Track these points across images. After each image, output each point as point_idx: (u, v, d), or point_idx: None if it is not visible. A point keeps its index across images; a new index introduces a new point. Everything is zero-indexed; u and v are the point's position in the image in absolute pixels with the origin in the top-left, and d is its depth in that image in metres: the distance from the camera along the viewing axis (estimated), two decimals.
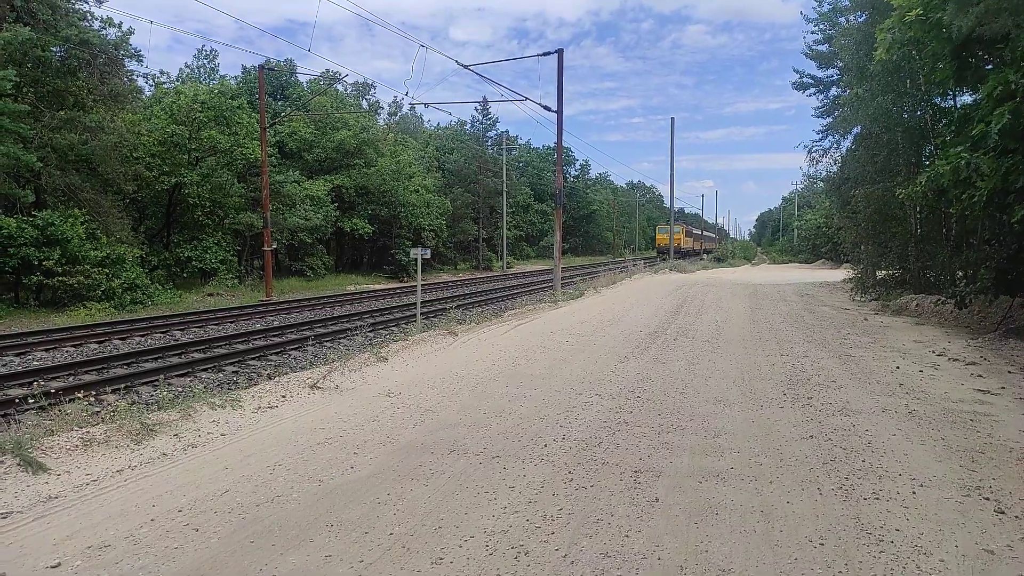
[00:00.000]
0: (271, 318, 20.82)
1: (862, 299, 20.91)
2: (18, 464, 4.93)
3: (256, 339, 15.58)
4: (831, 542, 4.09)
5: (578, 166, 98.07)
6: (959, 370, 9.50)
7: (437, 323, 14.54)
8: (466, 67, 24.69)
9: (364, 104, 57.74)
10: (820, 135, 29.78)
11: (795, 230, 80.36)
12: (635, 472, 5.36)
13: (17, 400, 8.77)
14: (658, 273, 36.89)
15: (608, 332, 13.48)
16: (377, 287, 37.21)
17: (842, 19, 26.60)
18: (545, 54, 25.01)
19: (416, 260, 15.27)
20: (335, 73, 49.47)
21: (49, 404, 6.32)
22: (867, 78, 18.65)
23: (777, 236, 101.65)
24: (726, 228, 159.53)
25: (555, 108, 24.41)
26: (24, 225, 21.89)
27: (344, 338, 13.82)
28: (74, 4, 28.57)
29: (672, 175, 48.04)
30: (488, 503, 4.73)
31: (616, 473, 5.34)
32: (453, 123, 75.96)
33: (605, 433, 6.49)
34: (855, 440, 6.20)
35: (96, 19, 28.58)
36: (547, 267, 56.25)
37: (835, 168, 26.89)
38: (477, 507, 4.66)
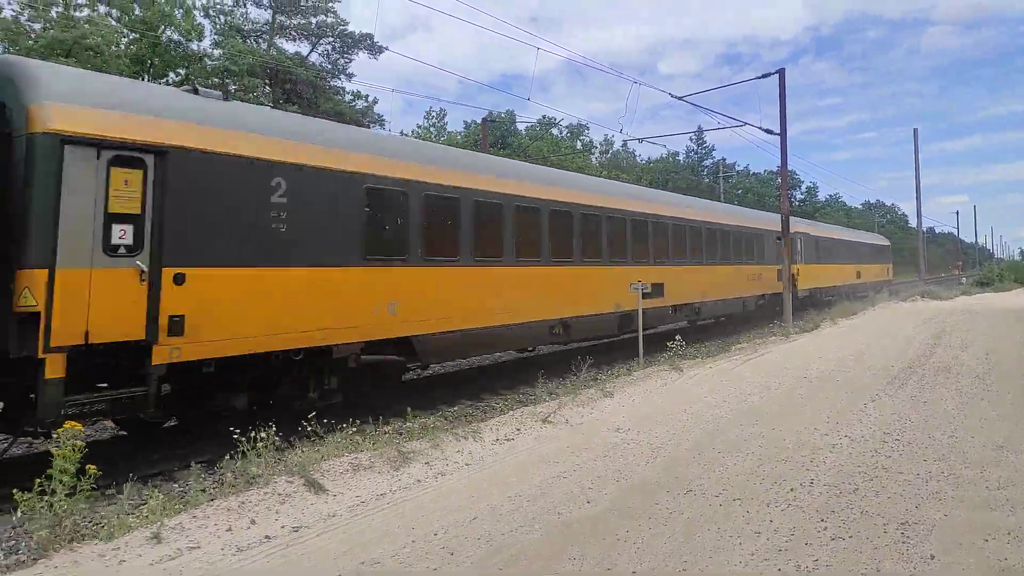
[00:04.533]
0: (498, 354, 21.86)
1: None
2: (303, 484, 5.67)
3: (487, 374, 16.47)
4: None
5: (804, 189, 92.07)
6: None
7: (660, 357, 14.30)
8: (680, 98, 24.45)
9: (578, 145, 59.50)
10: None
11: None
12: (902, 524, 4.81)
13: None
14: (906, 300, 33.02)
15: (852, 367, 12.31)
16: None
17: None
18: (764, 75, 23.95)
19: (637, 294, 15.20)
20: (550, 119, 51.71)
21: (324, 432, 7.21)
22: None
23: None
24: (988, 247, 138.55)
25: (777, 131, 23.21)
26: None
27: (569, 374, 14.09)
28: (330, 82, 33.10)
29: (918, 191, 43.14)
30: (733, 548, 4.51)
31: (879, 524, 4.82)
32: (664, 155, 75.32)
33: (860, 479, 5.90)
34: None
35: (348, 93, 32.86)
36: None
37: None
38: (721, 551, 4.47)
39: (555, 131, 54.70)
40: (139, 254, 7.22)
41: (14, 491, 4.82)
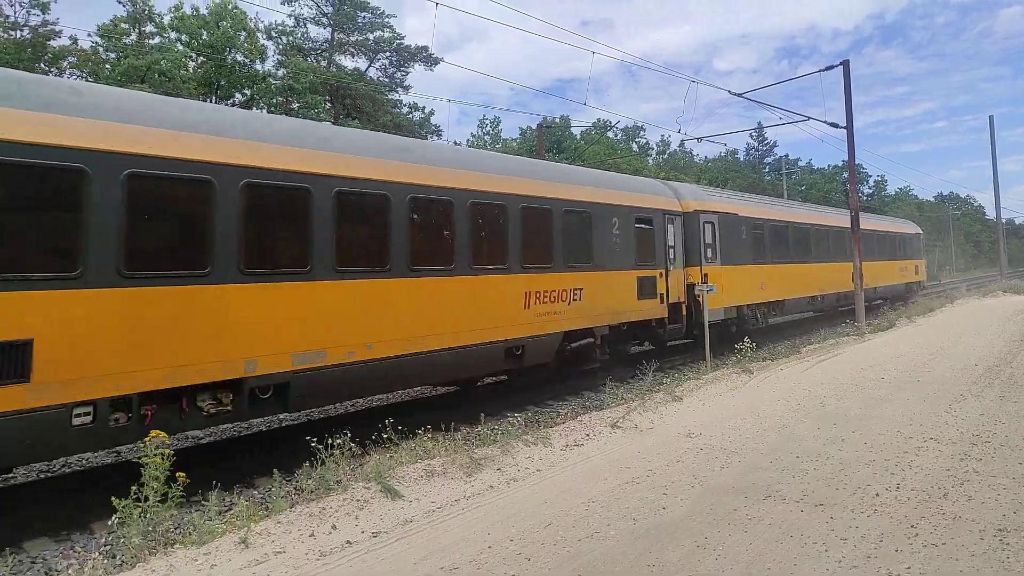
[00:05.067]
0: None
1: None
2: (380, 490, 5.78)
3: (552, 382, 16.44)
4: None
5: (871, 183, 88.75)
6: None
7: (728, 360, 14.03)
8: (739, 95, 23.94)
9: (634, 147, 58.97)
10: None
11: None
12: (999, 531, 4.58)
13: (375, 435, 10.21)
14: (987, 296, 31.46)
15: (933, 367, 11.80)
16: None
17: None
18: (828, 68, 23.23)
19: (703, 296, 14.95)
20: (606, 121, 51.45)
21: (399, 438, 7.34)
22: None
23: None
24: None
25: (843, 124, 22.48)
26: None
27: (636, 378, 13.96)
28: (388, 96, 33.76)
29: (996, 180, 41.12)
30: (819, 555, 4.38)
31: (974, 531, 4.61)
32: (722, 154, 73.86)
33: (950, 483, 5.66)
34: None
35: (405, 106, 33.43)
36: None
37: None
38: (807, 558, 4.34)
39: (610, 134, 54.39)
40: None
41: (112, 498, 5.08)
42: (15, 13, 27.76)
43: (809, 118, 23.72)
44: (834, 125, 22.79)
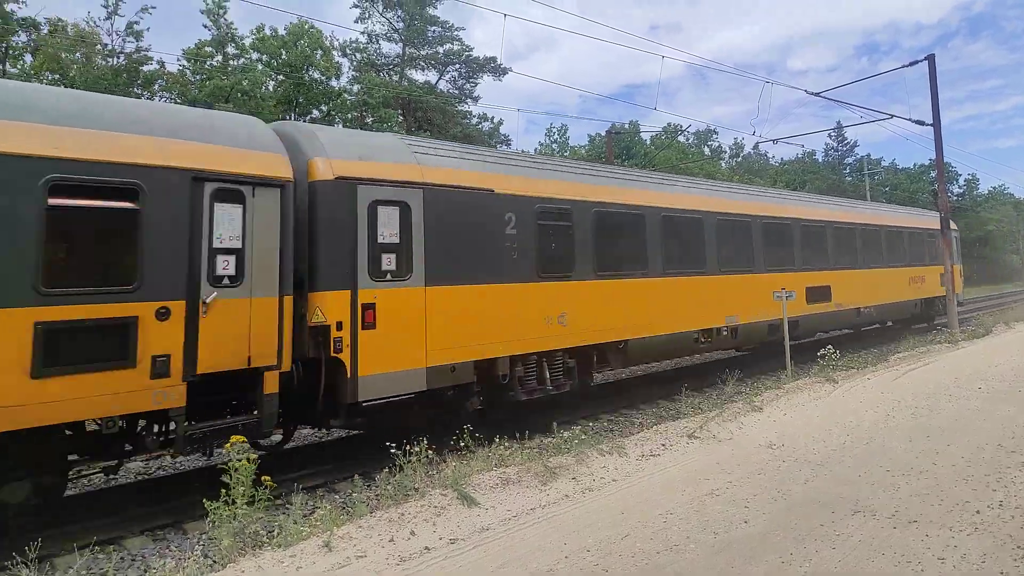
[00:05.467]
0: (633, 367, 21.48)
1: None
2: (457, 497, 5.85)
3: (626, 389, 16.26)
4: None
5: (962, 182, 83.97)
6: None
7: (810, 368, 13.53)
8: (816, 94, 23.13)
9: (706, 151, 57.80)
10: None
11: None
12: None
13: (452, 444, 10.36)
14: None
15: None
16: None
17: None
18: (911, 63, 22.18)
19: (782, 302, 14.49)
20: (676, 126, 50.62)
21: (475, 445, 7.43)
22: None
23: None
24: None
25: (929, 121, 21.44)
26: None
27: (713, 387, 13.66)
28: (457, 107, 34.28)
29: None
30: (915, 574, 4.17)
31: None
32: (799, 155, 71.42)
33: None
34: None
35: (474, 116, 33.83)
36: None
37: None
38: None
39: (681, 139, 53.46)
40: None
41: (204, 500, 5.32)
42: (112, 41, 29.65)
43: (892, 116, 22.69)
44: (919, 122, 21.76)
